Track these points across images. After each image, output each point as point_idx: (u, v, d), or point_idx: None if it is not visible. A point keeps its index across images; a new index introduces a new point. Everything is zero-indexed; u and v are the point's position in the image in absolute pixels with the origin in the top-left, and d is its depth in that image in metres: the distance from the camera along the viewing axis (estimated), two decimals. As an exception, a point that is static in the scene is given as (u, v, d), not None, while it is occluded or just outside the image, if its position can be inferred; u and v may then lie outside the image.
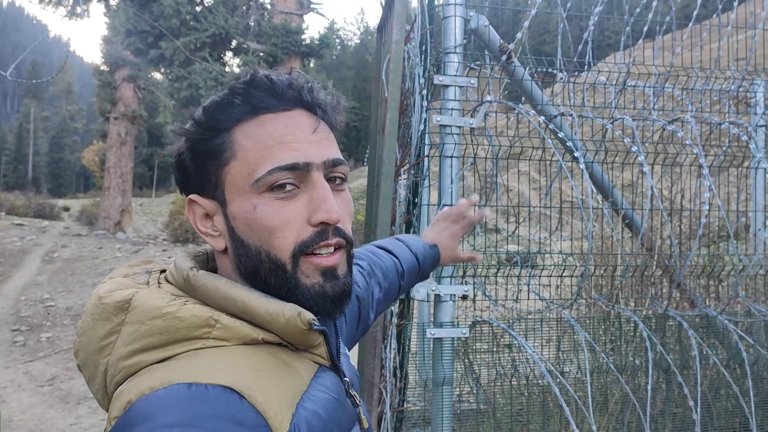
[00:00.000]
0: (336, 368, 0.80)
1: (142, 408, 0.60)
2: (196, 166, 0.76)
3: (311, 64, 17.14)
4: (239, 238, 0.74)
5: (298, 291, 0.73)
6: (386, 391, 2.11)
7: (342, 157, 0.78)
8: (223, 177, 0.74)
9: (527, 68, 2.49)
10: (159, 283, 0.76)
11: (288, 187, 0.72)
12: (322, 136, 0.76)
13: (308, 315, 0.71)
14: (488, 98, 2.26)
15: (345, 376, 0.82)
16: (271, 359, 0.70)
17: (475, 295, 2.39)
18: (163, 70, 16.29)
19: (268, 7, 16.58)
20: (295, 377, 0.71)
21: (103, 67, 18.91)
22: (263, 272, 0.74)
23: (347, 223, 0.77)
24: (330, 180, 0.76)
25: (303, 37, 15.70)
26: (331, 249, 0.75)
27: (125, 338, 0.68)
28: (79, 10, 16.89)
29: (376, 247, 1.28)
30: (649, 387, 2.27)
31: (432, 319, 2.27)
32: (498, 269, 2.43)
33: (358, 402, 0.83)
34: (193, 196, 0.77)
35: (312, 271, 0.74)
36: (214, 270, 0.81)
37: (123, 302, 0.70)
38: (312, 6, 16.31)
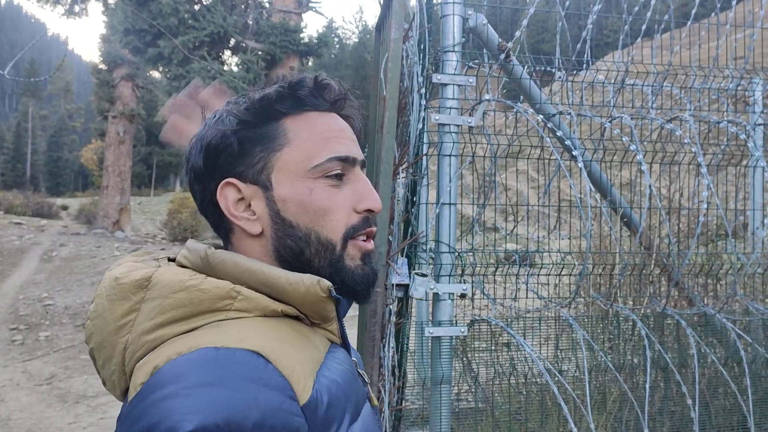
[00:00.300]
0: (346, 346, 0.84)
1: (171, 370, 0.62)
2: (242, 150, 0.78)
3: (310, 63, 17.13)
4: (287, 220, 0.78)
5: (344, 272, 0.79)
6: (385, 390, 2.11)
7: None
8: (272, 161, 0.78)
9: (526, 67, 2.49)
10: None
11: (339, 176, 0.79)
12: (355, 139, 0.85)
13: (327, 282, 0.74)
14: (487, 97, 2.26)
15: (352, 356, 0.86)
16: (291, 331, 0.73)
17: (473, 294, 2.39)
18: (161, 68, 16.23)
19: (267, 5, 16.55)
20: (313, 349, 0.74)
21: (102, 66, 18.84)
22: (309, 253, 0.78)
23: None
24: None
25: (301, 35, 15.67)
26: (364, 237, 0.81)
27: (147, 314, 0.70)
28: (77, 8, 16.86)
29: None
30: (647, 385, 2.28)
31: (430, 318, 2.27)
32: (496, 268, 2.43)
33: (366, 381, 0.87)
34: (231, 179, 0.78)
35: (356, 254, 0.80)
36: None
37: (143, 280, 0.72)
38: (310, 5, 16.28)
